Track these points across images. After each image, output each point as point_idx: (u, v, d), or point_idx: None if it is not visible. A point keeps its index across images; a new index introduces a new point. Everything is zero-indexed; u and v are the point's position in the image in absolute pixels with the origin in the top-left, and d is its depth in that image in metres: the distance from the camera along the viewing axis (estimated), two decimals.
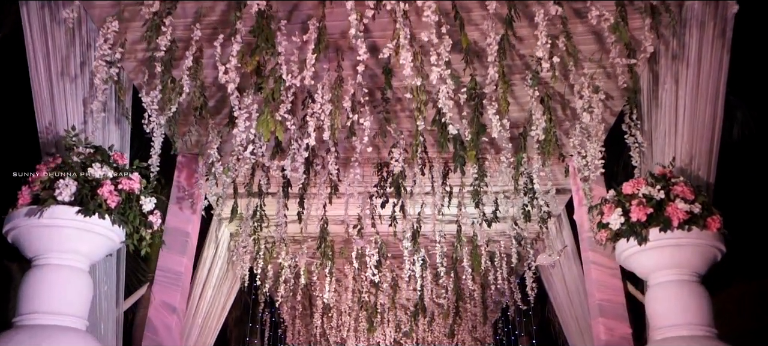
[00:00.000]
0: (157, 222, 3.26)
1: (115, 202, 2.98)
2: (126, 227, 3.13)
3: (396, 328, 9.20)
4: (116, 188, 3.03)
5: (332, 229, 7.02)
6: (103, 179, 2.98)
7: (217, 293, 6.63)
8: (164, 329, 4.87)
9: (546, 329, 8.85)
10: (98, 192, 2.94)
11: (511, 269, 7.27)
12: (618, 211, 3.32)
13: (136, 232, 3.18)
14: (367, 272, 6.65)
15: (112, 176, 3.05)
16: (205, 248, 6.42)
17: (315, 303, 8.43)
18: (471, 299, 7.65)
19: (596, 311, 4.91)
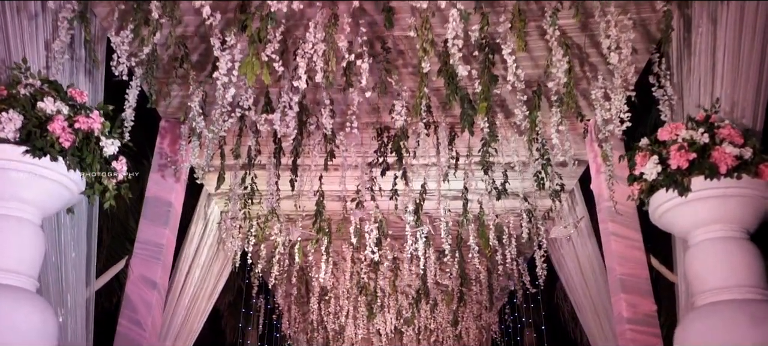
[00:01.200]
0: (123, 170, 2.81)
1: (69, 141, 2.55)
2: (85, 175, 2.69)
3: (397, 315, 8.75)
4: (71, 127, 2.59)
5: (329, 206, 6.59)
6: (55, 114, 2.54)
7: (206, 274, 6.20)
8: (143, 305, 4.44)
9: (554, 316, 8.42)
10: (49, 128, 2.50)
11: (519, 250, 6.82)
12: (654, 159, 2.87)
13: (97, 181, 2.74)
14: (366, 251, 6.23)
15: (67, 113, 2.61)
16: (193, 224, 6.00)
17: (311, 288, 8.00)
18: (477, 281, 7.21)
19: (617, 287, 4.48)
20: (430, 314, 8.53)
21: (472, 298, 8.51)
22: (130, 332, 4.33)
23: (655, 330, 4.28)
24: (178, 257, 5.70)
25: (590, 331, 5.62)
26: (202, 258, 6.09)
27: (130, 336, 4.32)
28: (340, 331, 9.32)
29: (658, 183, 2.87)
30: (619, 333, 4.43)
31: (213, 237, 6.34)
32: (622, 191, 4.76)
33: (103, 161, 2.73)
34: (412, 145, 4.57)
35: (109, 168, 2.74)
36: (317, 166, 5.46)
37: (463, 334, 9.14)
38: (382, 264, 6.86)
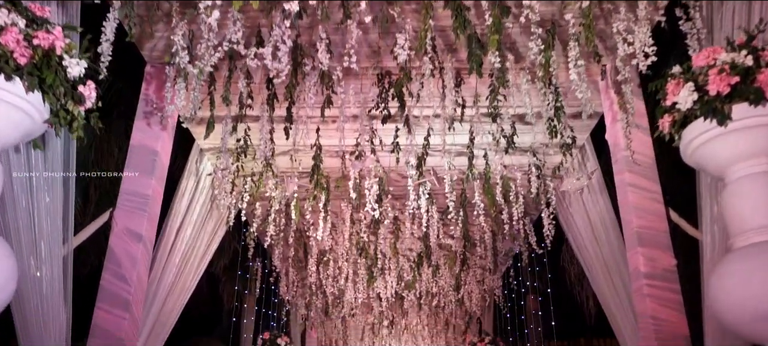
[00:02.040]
0: (92, 96, 2.49)
1: (26, 57, 2.22)
2: (48, 99, 2.37)
3: (397, 279, 8.51)
4: (29, 42, 2.26)
5: (327, 163, 6.30)
6: (9, 26, 2.21)
7: (199, 232, 5.92)
8: (128, 259, 4.15)
9: (560, 279, 8.17)
10: (1, 41, 2.17)
11: (526, 210, 6.53)
12: (689, 86, 2.55)
13: (62, 108, 2.42)
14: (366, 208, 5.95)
15: (23, 27, 2.28)
16: (184, 179, 5.71)
17: (309, 249, 7.73)
18: (481, 242, 6.94)
19: (634, 241, 4.19)
20: (431, 278, 8.27)
21: (475, 261, 8.26)
22: (114, 287, 4.06)
23: (674, 286, 4.01)
24: (168, 214, 5.43)
25: (601, 291, 5.35)
26: (194, 216, 5.81)
27: (113, 291, 4.05)
28: (340, 295, 9.09)
29: (694, 113, 2.56)
30: (636, 289, 4.16)
31: (206, 195, 6.05)
32: (639, 139, 4.47)
33: (68, 85, 2.40)
34: (415, 88, 4.23)
35: (76, 93, 2.42)
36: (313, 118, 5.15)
37: (465, 298, 8.90)
38: (382, 223, 6.57)
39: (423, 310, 10.24)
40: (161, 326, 5.10)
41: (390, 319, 11.75)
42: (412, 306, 9.83)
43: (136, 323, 4.16)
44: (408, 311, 10.67)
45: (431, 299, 9.00)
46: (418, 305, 9.82)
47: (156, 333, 4.99)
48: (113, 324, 3.97)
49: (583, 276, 8.37)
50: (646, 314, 3.98)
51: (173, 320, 5.33)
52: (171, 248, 5.36)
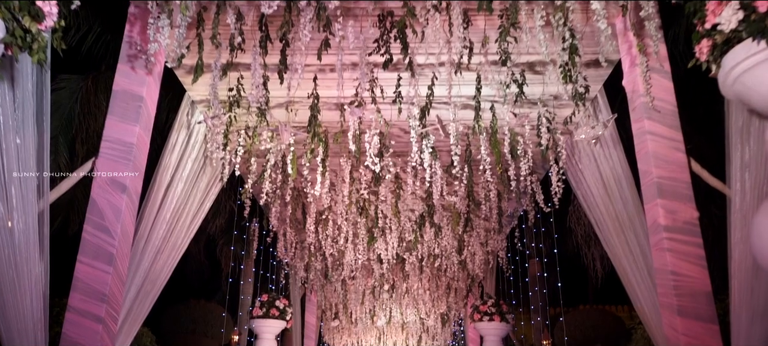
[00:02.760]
0: (53, 13, 2.18)
1: None
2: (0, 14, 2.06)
3: (399, 240, 8.27)
4: None
5: (325, 116, 6.02)
6: None
7: (191, 188, 5.65)
8: (111, 210, 3.89)
9: (567, 239, 7.93)
10: None
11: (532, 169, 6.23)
12: (733, 4, 2.23)
13: (18, 25, 2.11)
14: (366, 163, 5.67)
15: None
16: (174, 132, 5.42)
17: (307, 208, 7.47)
18: (486, 200, 6.66)
19: (653, 192, 3.91)
20: (433, 239, 8.03)
21: (479, 221, 8.01)
22: (96, 240, 3.80)
23: (696, 239, 3.75)
24: (158, 167, 5.15)
25: (613, 249, 5.09)
26: (185, 171, 5.53)
27: (95, 244, 3.79)
28: (339, 257, 8.88)
29: (738, 35, 2.24)
30: (654, 244, 3.90)
31: (198, 150, 5.76)
32: (660, 84, 4.16)
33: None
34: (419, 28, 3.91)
35: (33, 6, 2.11)
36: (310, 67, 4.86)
37: (468, 260, 8.68)
38: (383, 179, 6.30)
39: (424, 273, 10.02)
40: (151, 284, 4.86)
41: (391, 283, 11.57)
42: (413, 269, 9.61)
43: (121, 278, 3.91)
44: (409, 275, 10.45)
45: (433, 260, 8.77)
46: (419, 268, 9.61)
47: (145, 291, 4.76)
48: (96, 279, 3.72)
49: (590, 238, 8.15)
50: (666, 269, 3.73)
51: (164, 278, 5.09)
52: (161, 204, 5.09)
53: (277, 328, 8.89)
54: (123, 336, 4.34)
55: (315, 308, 13.17)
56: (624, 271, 4.89)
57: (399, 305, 13.20)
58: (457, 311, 12.83)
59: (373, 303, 12.42)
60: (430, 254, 8.75)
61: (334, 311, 13.46)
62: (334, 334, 15.12)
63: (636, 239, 4.71)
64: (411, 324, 15.14)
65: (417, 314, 13.78)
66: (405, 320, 14.50)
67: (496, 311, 8.85)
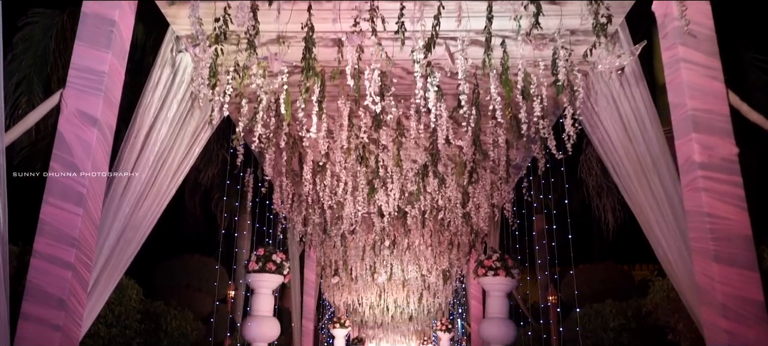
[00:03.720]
0: None
1: None
2: None
3: (400, 191, 7.88)
4: None
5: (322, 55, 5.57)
6: None
7: (177, 131, 5.22)
8: (80, 146, 3.48)
9: (578, 189, 7.55)
10: None
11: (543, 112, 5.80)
12: None
13: None
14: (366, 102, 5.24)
15: None
16: (157, 67, 4.96)
17: (304, 158, 7.07)
18: (494, 146, 6.24)
19: (687, 126, 3.50)
20: (437, 190, 7.65)
21: (485, 173, 7.60)
22: (64, 179, 3.41)
23: (735, 178, 3.35)
24: (139, 106, 4.73)
25: (634, 197, 4.69)
26: (170, 112, 5.09)
27: (63, 183, 3.40)
28: (338, 209, 8.52)
29: None
30: (687, 184, 3.51)
31: (185, 90, 5.31)
32: (696, 5, 3.70)
33: None
34: None
35: None
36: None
37: (472, 213, 8.31)
38: (384, 122, 5.89)
39: (427, 227, 9.68)
40: (133, 231, 4.48)
41: (392, 238, 11.25)
42: (415, 223, 9.26)
43: (93, 221, 3.53)
44: (411, 230, 10.11)
45: (436, 214, 8.41)
46: (421, 222, 9.25)
47: (127, 239, 4.38)
48: (64, 221, 3.34)
49: (601, 189, 7.77)
50: (700, 211, 3.34)
51: (148, 225, 4.71)
52: (143, 145, 4.68)
53: (274, 283, 8.59)
54: (101, 286, 3.98)
55: (314, 264, 12.89)
56: (646, 218, 4.51)
57: (400, 262, 12.92)
58: (459, 267, 12.56)
59: (373, 259, 12.13)
60: (433, 207, 8.38)
61: (333, 268, 13.20)
62: (334, 291, 14.91)
63: (660, 183, 4.31)
64: (412, 281, 14.91)
65: (418, 271, 13.52)
66: (406, 276, 14.26)
67: (501, 265, 8.52)
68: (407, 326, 22.41)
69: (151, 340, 6.59)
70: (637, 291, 7.20)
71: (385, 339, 26.88)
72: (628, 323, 6.55)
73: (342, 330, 16.21)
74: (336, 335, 16.20)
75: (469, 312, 13.19)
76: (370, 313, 18.30)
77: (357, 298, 16.19)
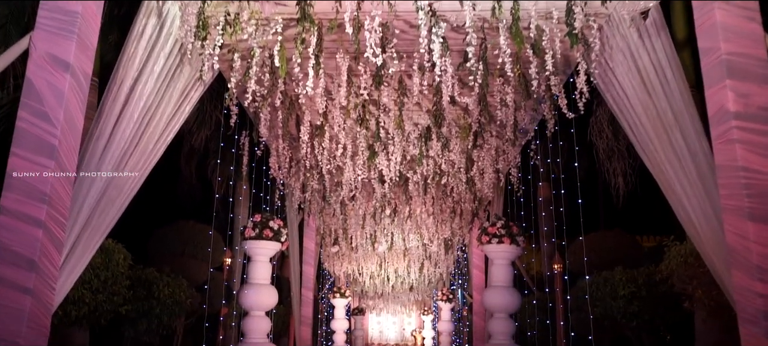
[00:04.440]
0: None
1: None
2: None
3: (402, 155, 7.57)
4: None
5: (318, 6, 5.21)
6: None
7: (165, 87, 4.90)
8: (52, 93, 3.16)
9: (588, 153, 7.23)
10: None
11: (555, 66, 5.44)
12: None
13: None
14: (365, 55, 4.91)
15: None
16: (141, 16, 4.62)
17: (301, 119, 6.74)
18: (503, 105, 5.91)
19: (720, 72, 3.17)
20: (440, 154, 7.33)
21: (491, 137, 7.27)
22: (34, 129, 3.10)
23: None
24: (121, 56, 4.41)
25: (652, 155, 4.39)
26: (157, 66, 4.77)
27: (33, 133, 3.09)
28: (337, 175, 8.23)
29: None
30: (718, 136, 3.19)
31: (173, 44, 4.97)
32: None
33: None
34: None
35: None
36: None
37: (476, 179, 8.00)
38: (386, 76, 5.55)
39: (429, 194, 9.38)
40: (117, 190, 4.19)
41: (393, 206, 10.97)
42: (417, 189, 8.96)
43: (67, 176, 3.23)
44: (412, 197, 9.82)
45: (439, 179, 8.10)
46: (423, 188, 8.95)
47: (110, 198, 4.09)
48: (34, 175, 3.04)
49: (613, 152, 7.46)
50: (734, 165, 3.04)
51: (133, 186, 4.42)
52: (127, 100, 4.37)
53: (271, 250, 8.33)
54: (80, 248, 3.70)
55: (313, 233, 12.64)
56: (666, 178, 4.21)
57: (401, 231, 12.66)
58: (461, 236, 12.30)
59: (374, 228, 11.86)
60: (436, 173, 8.07)
61: (333, 237, 12.95)
62: (334, 260, 14.69)
63: (683, 139, 4.01)
64: (413, 250, 14.69)
65: (419, 240, 13.28)
66: (407, 246, 14.02)
67: (505, 232, 8.25)
68: (408, 296, 22.30)
69: (143, 307, 6.36)
70: (648, 260, 6.94)
71: (386, 309, 26.85)
72: (638, 291, 6.31)
73: (342, 300, 16.05)
74: (336, 304, 16.04)
75: (471, 282, 12.98)
76: (370, 283, 18.13)
77: (357, 267, 16.00)
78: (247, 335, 8.02)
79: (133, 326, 6.38)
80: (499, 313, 8.58)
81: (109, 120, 4.13)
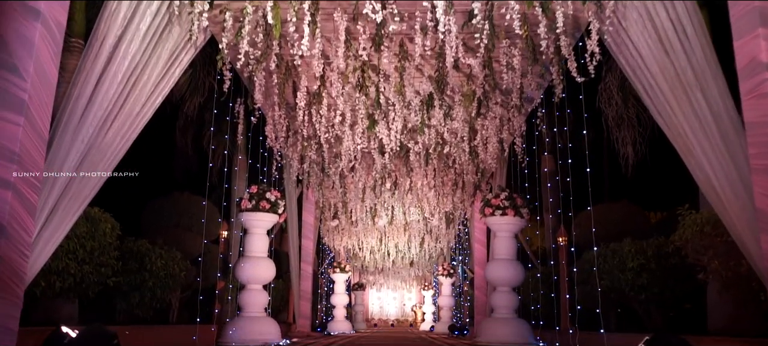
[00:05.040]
0: None
1: None
2: None
3: (403, 125, 7.29)
4: None
5: None
6: None
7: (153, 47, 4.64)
8: (20, 43, 2.90)
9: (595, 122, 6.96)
10: None
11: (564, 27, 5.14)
12: None
13: None
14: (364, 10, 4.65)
15: None
16: None
17: (298, 84, 6.45)
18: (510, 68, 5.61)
19: (752, 20, 2.92)
20: (442, 122, 7.06)
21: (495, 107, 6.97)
22: (1, 82, 2.83)
23: None
24: (103, 11, 4.13)
25: (670, 118, 4.13)
26: (143, 24, 4.50)
27: (0, 87, 2.82)
28: (336, 144, 7.96)
29: None
30: (749, 90, 2.94)
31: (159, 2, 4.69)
32: None
33: None
34: None
35: None
36: None
37: (479, 150, 7.74)
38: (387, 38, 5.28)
39: (430, 165, 9.11)
40: (100, 153, 3.94)
41: (393, 179, 10.72)
42: (418, 160, 8.69)
43: (40, 134, 2.98)
44: (413, 169, 9.55)
45: (441, 148, 7.84)
46: (425, 159, 8.68)
47: (91, 162, 3.85)
48: (2, 132, 2.78)
49: (622, 120, 7.19)
50: (767, 120, 2.78)
51: (118, 150, 4.17)
52: (110, 59, 4.11)
53: (268, 222, 8.11)
54: (59, 215, 3.46)
55: (313, 206, 12.41)
56: (684, 141, 3.96)
57: (401, 204, 12.41)
58: (463, 210, 12.07)
59: (374, 201, 11.61)
60: (438, 143, 7.80)
61: (333, 211, 12.72)
62: (334, 235, 14.48)
63: (705, 99, 3.76)
64: (413, 224, 14.47)
65: (420, 214, 13.05)
66: (407, 219, 13.79)
67: (509, 204, 8.02)
68: (408, 271, 22.16)
69: (135, 280, 6.15)
70: (656, 232, 6.71)
71: (386, 285, 26.76)
72: (647, 263, 6.09)
73: (342, 275, 15.88)
74: (336, 279, 15.88)
75: (472, 256, 12.78)
76: (370, 258, 17.93)
77: (357, 242, 15.80)
78: (243, 309, 7.84)
79: (125, 299, 6.18)
80: (502, 286, 8.39)
81: (90, 79, 3.87)
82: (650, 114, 7.33)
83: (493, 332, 8.02)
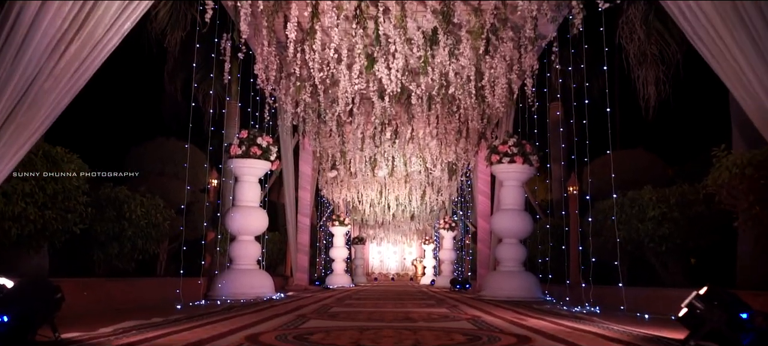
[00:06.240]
0: None
1: None
2: None
3: (404, 64, 6.69)
4: None
5: None
6: None
7: None
8: None
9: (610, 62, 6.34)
10: None
11: None
12: None
13: None
14: None
15: None
16: None
17: (289, 16, 5.84)
18: None
19: None
20: (447, 61, 6.47)
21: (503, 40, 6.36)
22: None
23: None
24: None
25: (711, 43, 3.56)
26: None
27: None
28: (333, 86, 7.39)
29: None
30: None
31: None
32: None
33: None
34: None
35: None
36: None
37: (487, 94, 7.15)
38: None
39: (433, 111, 8.53)
40: (52, 80, 3.40)
41: (394, 127, 10.15)
42: (420, 105, 8.10)
43: None
44: (414, 116, 8.97)
45: (444, 91, 7.27)
46: (427, 104, 8.10)
47: (41, 90, 3.31)
48: None
49: (645, 56, 6.59)
50: None
51: (75, 80, 3.60)
52: None
53: (260, 169, 7.61)
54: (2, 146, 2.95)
55: (310, 156, 11.87)
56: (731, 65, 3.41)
57: (402, 154, 11.88)
58: (466, 160, 11.54)
59: (373, 151, 11.06)
60: (442, 84, 7.21)
61: (330, 161, 12.21)
62: (333, 187, 14.00)
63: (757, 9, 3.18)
64: (414, 176, 13.97)
65: (422, 164, 12.53)
66: (408, 170, 13.28)
67: (518, 151, 7.51)
68: (408, 225, 21.81)
69: (113, 229, 5.68)
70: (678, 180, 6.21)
71: (386, 239, 26.48)
72: (670, 212, 5.60)
73: (341, 228, 15.48)
74: (335, 232, 15.49)
75: (475, 209, 12.33)
76: (370, 211, 17.50)
77: (357, 195, 15.33)
78: (234, 261, 7.41)
79: (102, 250, 5.73)
80: (509, 238, 7.95)
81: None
82: (673, 51, 6.74)
83: (499, 286, 7.62)
